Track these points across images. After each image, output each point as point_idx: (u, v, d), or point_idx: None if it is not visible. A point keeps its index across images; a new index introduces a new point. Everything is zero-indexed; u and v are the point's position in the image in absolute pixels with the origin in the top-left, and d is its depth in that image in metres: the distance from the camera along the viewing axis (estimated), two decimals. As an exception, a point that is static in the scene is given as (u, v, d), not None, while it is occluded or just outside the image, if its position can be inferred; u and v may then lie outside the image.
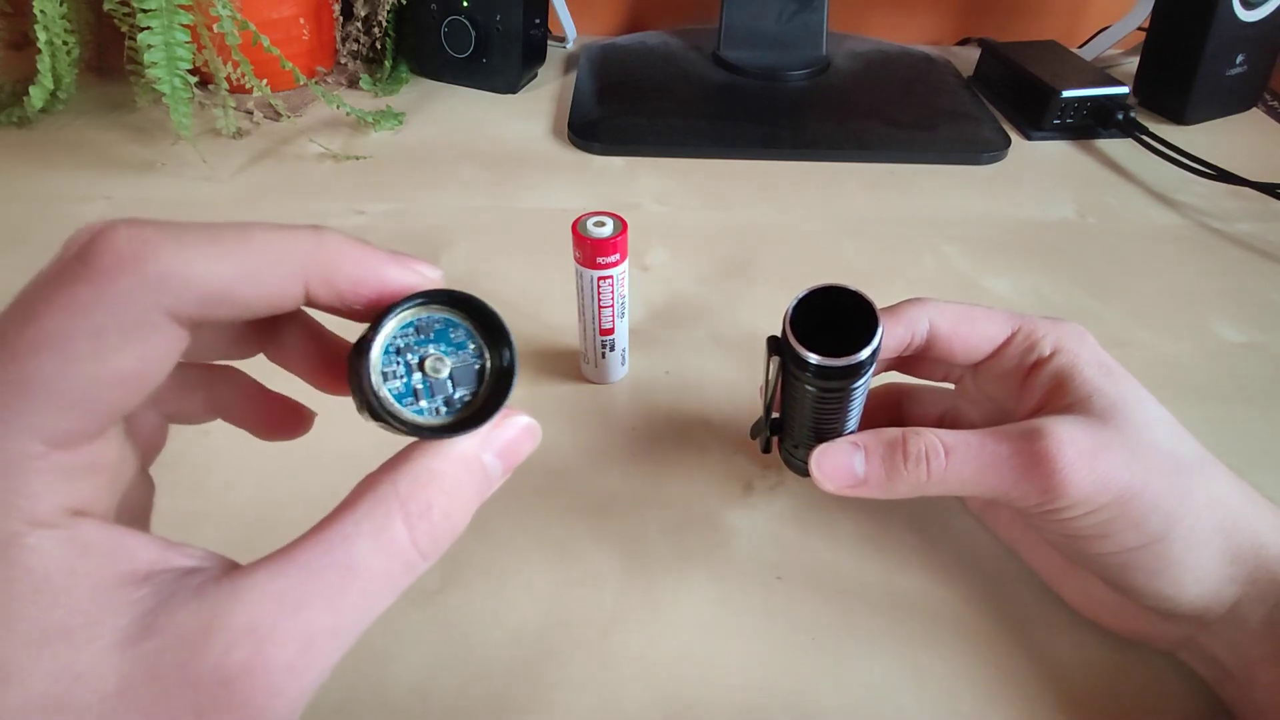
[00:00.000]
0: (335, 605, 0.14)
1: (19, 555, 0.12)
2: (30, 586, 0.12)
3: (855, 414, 0.25)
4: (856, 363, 0.22)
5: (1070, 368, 0.25)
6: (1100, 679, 0.26)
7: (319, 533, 0.15)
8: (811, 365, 0.23)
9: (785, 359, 0.24)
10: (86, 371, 0.13)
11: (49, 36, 0.50)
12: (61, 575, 0.13)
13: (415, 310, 0.17)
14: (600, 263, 0.31)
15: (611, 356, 0.35)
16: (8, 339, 0.13)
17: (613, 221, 0.31)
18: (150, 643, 0.13)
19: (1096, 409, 0.24)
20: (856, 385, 0.24)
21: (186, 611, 0.13)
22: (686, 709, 0.25)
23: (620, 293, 0.32)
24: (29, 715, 0.12)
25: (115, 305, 0.13)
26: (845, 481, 0.24)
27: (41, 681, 0.12)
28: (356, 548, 0.14)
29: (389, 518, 0.15)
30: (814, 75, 0.62)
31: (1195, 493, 0.23)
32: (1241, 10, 0.55)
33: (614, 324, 0.33)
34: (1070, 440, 0.23)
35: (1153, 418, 0.24)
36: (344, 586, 0.14)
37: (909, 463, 0.24)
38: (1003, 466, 0.23)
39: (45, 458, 0.13)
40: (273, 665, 0.13)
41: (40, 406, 0.13)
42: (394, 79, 0.63)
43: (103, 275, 0.13)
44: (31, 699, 0.12)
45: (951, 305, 0.27)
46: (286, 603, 0.13)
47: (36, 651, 0.12)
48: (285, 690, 0.13)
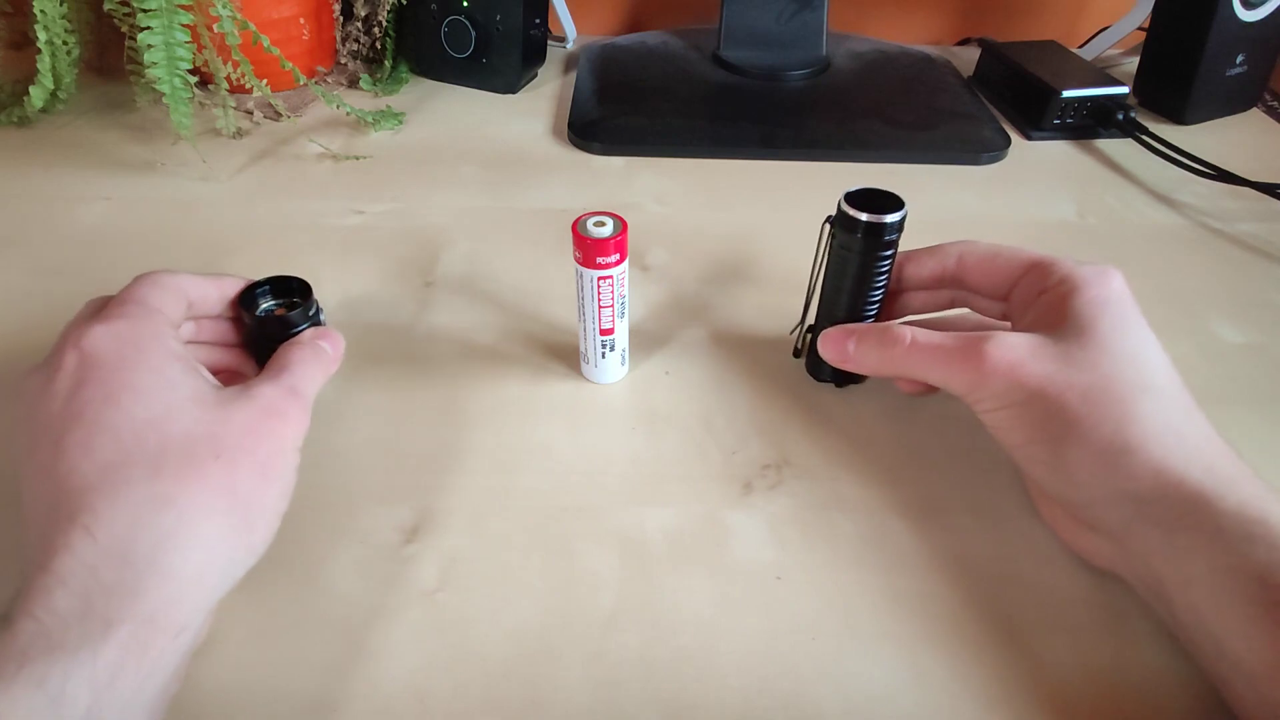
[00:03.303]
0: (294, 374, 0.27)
1: (163, 343, 0.25)
2: (173, 353, 0.25)
3: (880, 290, 0.32)
4: (891, 222, 0.30)
5: (1065, 297, 0.28)
6: (1099, 679, 0.26)
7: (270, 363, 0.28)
8: (861, 223, 0.30)
9: (837, 228, 0.31)
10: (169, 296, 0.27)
11: (49, 36, 0.50)
12: (185, 353, 0.26)
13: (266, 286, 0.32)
14: (600, 263, 0.31)
15: (611, 356, 0.35)
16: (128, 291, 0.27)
17: (613, 221, 0.31)
18: (226, 389, 0.25)
19: (1065, 331, 0.27)
20: (886, 253, 0.31)
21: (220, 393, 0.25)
22: (686, 709, 0.25)
23: (620, 293, 0.32)
24: (184, 403, 0.23)
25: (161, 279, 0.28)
26: (836, 356, 0.32)
27: (187, 387, 0.24)
28: (293, 358, 0.28)
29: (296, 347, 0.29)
30: (814, 75, 0.62)
31: (1111, 409, 0.25)
32: (1241, 10, 0.55)
33: (614, 324, 0.33)
34: (1008, 345, 0.27)
35: (1119, 342, 0.26)
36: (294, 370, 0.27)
37: (883, 344, 0.30)
38: (948, 358, 0.28)
39: (158, 315, 0.26)
40: (278, 393, 0.26)
41: (154, 297, 0.27)
42: (394, 79, 0.63)
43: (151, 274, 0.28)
44: (184, 394, 0.24)
45: (983, 244, 0.32)
46: (272, 378, 0.27)
47: (181, 377, 0.24)
48: (289, 402, 0.26)
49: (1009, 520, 0.31)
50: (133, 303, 0.26)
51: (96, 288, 0.41)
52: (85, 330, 0.24)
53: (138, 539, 0.20)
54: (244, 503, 0.23)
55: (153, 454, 0.22)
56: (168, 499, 0.21)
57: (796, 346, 0.37)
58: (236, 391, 0.25)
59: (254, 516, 0.23)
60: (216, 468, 0.22)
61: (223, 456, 0.23)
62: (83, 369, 0.23)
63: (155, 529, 0.21)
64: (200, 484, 0.22)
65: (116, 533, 0.20)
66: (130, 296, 0.26)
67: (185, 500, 0.21)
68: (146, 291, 0.26)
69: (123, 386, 0.23)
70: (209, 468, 0.22)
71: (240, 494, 0.23)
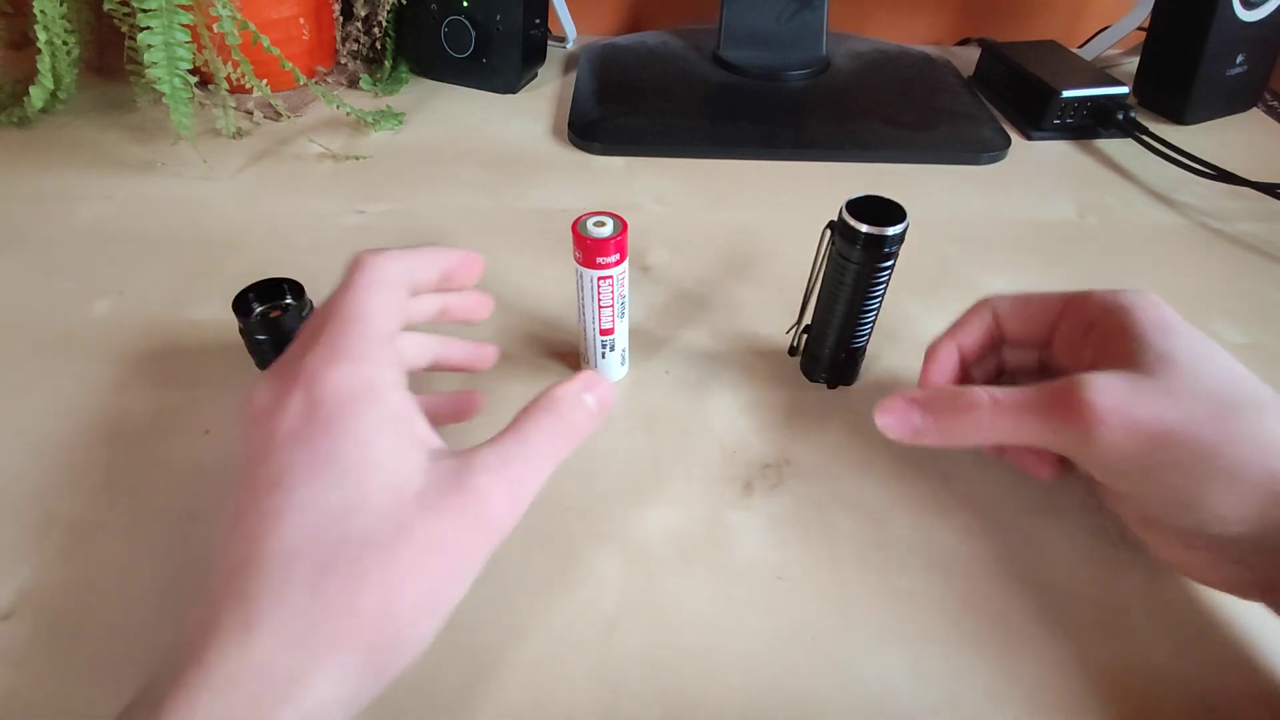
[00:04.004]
0: (524, 461, 0.23)
1: (388, 402, 0.23)
2: (391, 418, 0.22)
3: (877, 300, 0.32)
4: (891, 235, 0.29)
5: (1121, 326, 0.26)
6: (1100, 679, 0.26)
7: (509, 429, 0.24)
8: (862, 234, 0.29)
9: (836, 235, 0.31)
10: (391, 302, 0.25)
11: (49, 36, 0.50)
12: (404, 416, 0.23)
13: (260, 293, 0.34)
14: (600, 263, 0.31)
15: (611, 356, 0.35)
16: (347, 300, 0.25)
17: (613, 221, 0.31)
18: (436, 470, 0.22)
19: (1145, 363, 0.24)
20: (885, 264, 0.30)
21: (449, 459, 0.22)
22: (687, 709, 0.25)
23: (620, 293, 0.32)
24: (378, 492, 0.21)
25: (388, 274, 0.26)
26: (905, 431, 0.28)
27: (386, 473, 0.21)
28: (528, 432, 0.23)
29: (541, 414, 0.24)
30: (814, 75, 0.62)
31: (1242, 432, 0.23)
32: (1241, 10, 0.55)
33: (614, 324, 0.33)
34: (1105, 388, 0.24)
35: (1206, 364, 0.24)
36: (527, 452, 0.23)
37: (958, 412, 0.26)
38: (1042, 413, 0.25)
39: (389, 346, 0.24)
40: (498, 488, 0.22)
41: (379, 318, 0.24)
42: (394, 79, 0.63)
43: (364, 274, 0.25)
44: (380, 481, 0.21)
45: (1007, 295, 0.31)
46: (500, 459, 0.23)
47: (388, 454, 0.22)
48: (503, 504, 0.22)
49: (1009, 519, 0.31)
50: (357, 328, 0.23)
51: (96, 287, 0.41)
52: (318, 372, 0.22)
53: (275, 663, 0.18)
54: (390, 642, 0.20)
55: (325, 553, 0.20)
56: (313, 624, 0.19)
57: (792, 345, 0.37)
58: (449, 474, 0.22)
59: (394, 657, 0.20)
60: (376, 590, 0.19)
61: (390, 576, 0.20)
62: (303, 419, 0.22)
63: (295, 658, 0.19)
64: (350, 611, 0.19)
65: (264, 644, 0.18)
66: (354, 309, 0.24)
67: (328, 633, 0.19)
68: (370, 299, 0.24)
69: (328, 459, 0.21)
70: (369, 589, 0.19)
71: (387, 634, 0.20)
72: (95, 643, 0.26)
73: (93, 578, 0.28)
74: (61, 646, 0.26)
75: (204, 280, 0.42)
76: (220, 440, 0.33)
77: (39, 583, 0.28)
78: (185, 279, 0.42)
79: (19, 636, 0.26)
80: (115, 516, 0.30)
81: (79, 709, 0.24)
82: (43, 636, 0.26)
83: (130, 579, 0.28)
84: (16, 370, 0.36)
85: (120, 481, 0.31)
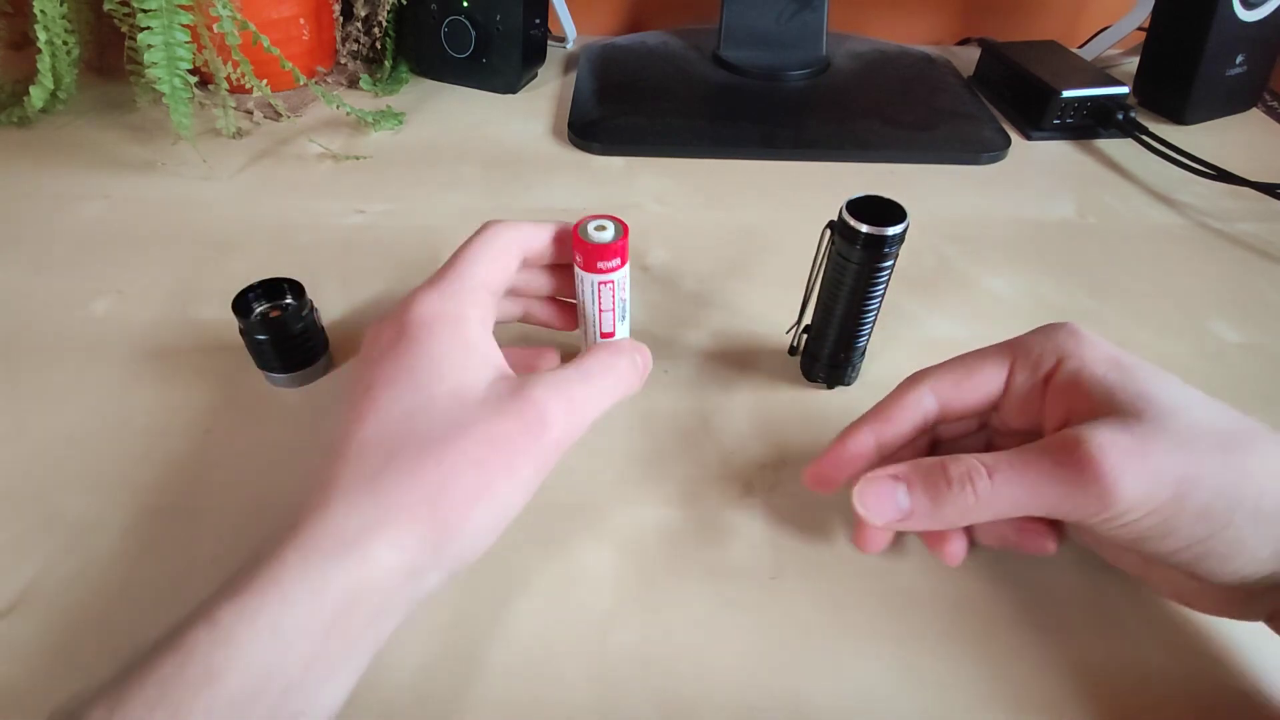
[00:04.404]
0: (584, 385, 0.26)
1: (461, 327, 0.26)
2: (462, 339, 0.26)
3: (877, 300, 0.32)
4: (891, 235, 0.29)
5: (1078, 372, 0.25)
6: (1096, 679, 0.26)
7: (573, 361, 0.27)
8: (861, 234, 0.30)
9: (836, 235, 0.31)
10: (495, 256, 0.29)
11: (49, 36, 0.50)
12: (476, 339, 0.26)
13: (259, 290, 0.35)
14: (601, 267, 0.31)
15: None
16: (461, 250, 0.29)
17: (614, 225, 0.31)
18: (499, 384, 0.25)
19: (1123, 405, 0.23)
20: (885, 264, 0.30)
21: (514, 378, 0.26)
22: (683, 708, 0.25)
23: (621, 296, 0.32)
24: (443, 397, 0.24)
25: (502, 236, 0.30)
26: (890, 515, 0.24)
27: (452, 382, 0.24)
28: (590, 364, 0.27)
29: (605, 351, 0.28)
30: (814, 75, 0.62)
31: (1254, 469, 0.22)
32: (1241, 10, 0.55)
33: (615, 327, 0.33)
34: (1111, 443, 0.22)
35: (1181, 400, 0.23)
36: (586, 379, 0.26)
37: (953, 487, 0.23)
38: (1050, 481, 0.22)
39: (480, 289, 0.28)
40: (554, 402, 0.25)
41: (481, 266, 0.28)
42: (394, 79, 0.63)
43: (486, 232, 0.30)
44: (445, 388, 0.24)
45: (944, 367, 0.28)
46: (561, 381, 0.25)
47: (456, 368, 0.25)
48: (558, 417, 0.24)
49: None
50: (456, 272, 0.28)
51: (96, 287, 0.41)
52: (413, 299, 0.27)
53: (346, 528, 0.21)
54: (444, 521, 0.22)
55: (394, 445, 0.23)
56: (376, 501, 0.22)
57: (792, 345, 0.37)
58: (511, 388, 0.25)
59: (449, 538, 0.22)
60: (433, 474, 0.22)
61: (445, 463, 0.23)
62: (393, 339, 0.26)
63: (359, 525, 0.22)
64: (407, 490, 0.22)
65: (337, 514, 0.22)
66: (461, 260, 0.28)
67: (388, 506, 0.22)
68: (478, 253, 0.29)
69: (406, 370, 0.25)
70: (426, 473, 0.22)
71: (441, 511, 0.22)
72: (96, 640, 0.26)
73: (93, 576, 0.28)
74: (63, 643, 0.26)
75: (204, 280, 0.42)
76: (220, 439, 0.33)
77: (40, 580, 0.28)
78: (185, 279, 0.42)
79: (21, 633, 0.26)
80: (115, 515, 0.30)
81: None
82: (44, 633, 0.26)
83: (131, 577, 0.28)
84: (16, 369, 0.36)
85: (120, 480, 0.31)
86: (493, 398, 0.24)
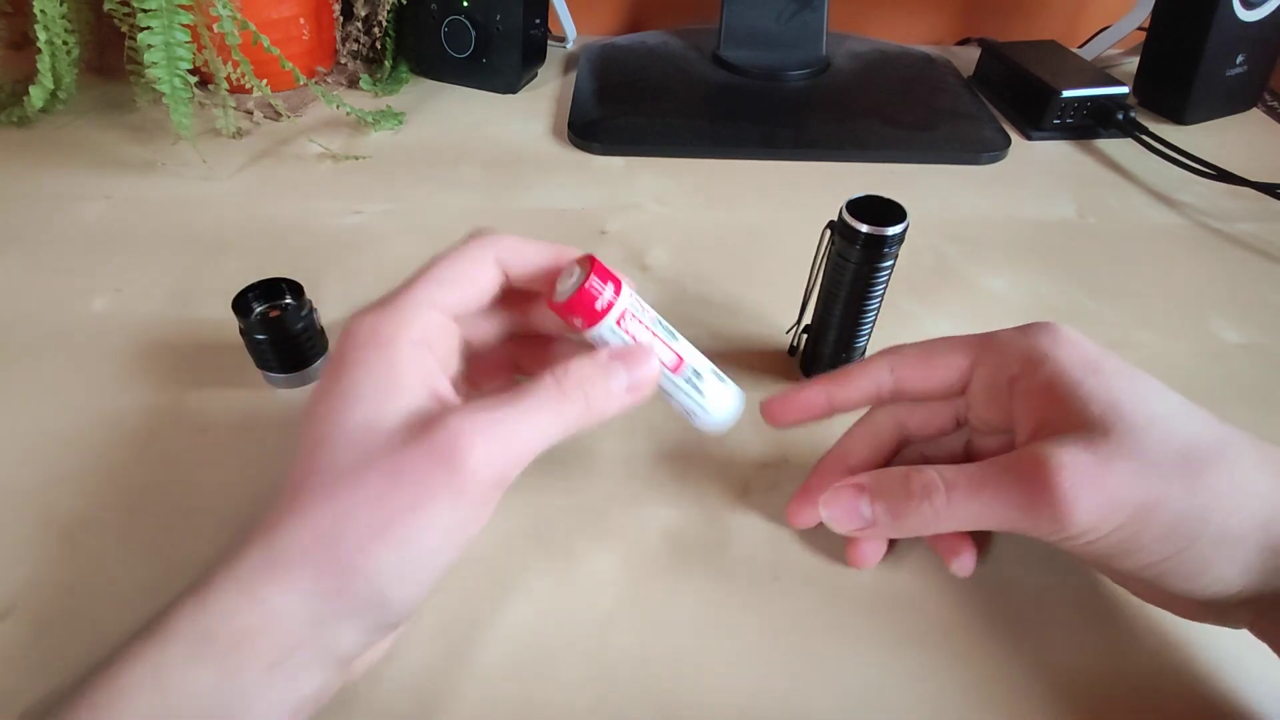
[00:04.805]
0: (515, 419, 0.22)
1: (389, 350, 0.23)
2: (386, 364, 0.23)
3: (877, 300, 0.32)
4: (891, 235, 0.30)
5: (1053, 377, 0.24)
6: (1094, 680, 0.26)
7: (514, 388, 0.23)
8: (861, 234, 0.30)
9: (836, 235, 0.31)
10: (460, 274, 0.25)
11: (49, 36, 0.50)
12: (403, 365, 0.23)
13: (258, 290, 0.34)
14: (599, 309, 0.24)
15: (706, 388, 0.27)
16: (429, 263, 0.25)
17: (577, 268, 0.25)
18: (420, 416, 0.22)
19: (1093, 418, 0.23)
20: (885, 264, 0.31)
21: (440, 408, 0.22)
22: (683, 709, 0.25)
23: (648, 317, 0.26)
24: (358, 428, 0.22)
25: (478, 251, 0.26)
26: (854, 523, 0.26)
27: (366, 410, 0.22)
28: (528, 391, 0.23)
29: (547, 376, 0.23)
30: (814, 75, 0.62)
31: (1219, 488, 0.22)
32: (1241, 10, 0.55)
33: (674, 352, 0.26)
34: (1070, 465, 0.22)
35: (1157, 412, 0.23)
36: (521, 409, 0.22)
37: (913, 500, 0.24)
38: (1007, 500, 0.23)
39: (424, 310, 0.24)
40: (474, 435, 0.21)
41: (432, 284, 0.25)
42: (394, 79, 0.63)
43: (467, 240, 0.26)
44: (358, 418, 0.22)
45: (912, 347, 0.28)
46: (489, 409, 0.22)
47: (374, 395, 0.22)
48: (476, 452, 0.21)
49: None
50: (405, 289, 0.25)
51: (96, 287, 0.41)
52: (351, 319, 0.24)
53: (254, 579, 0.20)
54: (342, 565, 0.20)
55: (302, 477, 0.22)
56: (271, 544, 0.21)
57: (792, 345, 0.37)
58: (428, 417, 0.22)
59: (351, 583, 0.20)
60: (327, 512, 0.21)
61: (340, 500, 0.21)
62: (329, 364, 0.24)
63: (258, 574, 0.20)
64: (301, 529, 0.21)
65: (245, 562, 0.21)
66: (416, 275, 0.25)
67: (282, 545, 0.21)
68: (437, 269, 0.25)
69: (323, 397, 0.23)
70: (320, 511, 0.21)
71: (335, 555, 0.20)
72: (93, 642, 0.26)
73: (90, 577, 0.28)
74: (59, 646, 0.26)
75: (204, 280, 0.42)
76: (218, 440, 0.33)
77: (37, 582, 0.28)
78: (185, 278, 0.42)
79: (17, 636, 0.26)
80: (112, 515, 0.30)
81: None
82: (41, 636, 0.26)
83: (128, 578, 0.28)
84: (15, 369, 0.36)
85: (118, 480, 0.31)
86: (404, 428, 0.21)
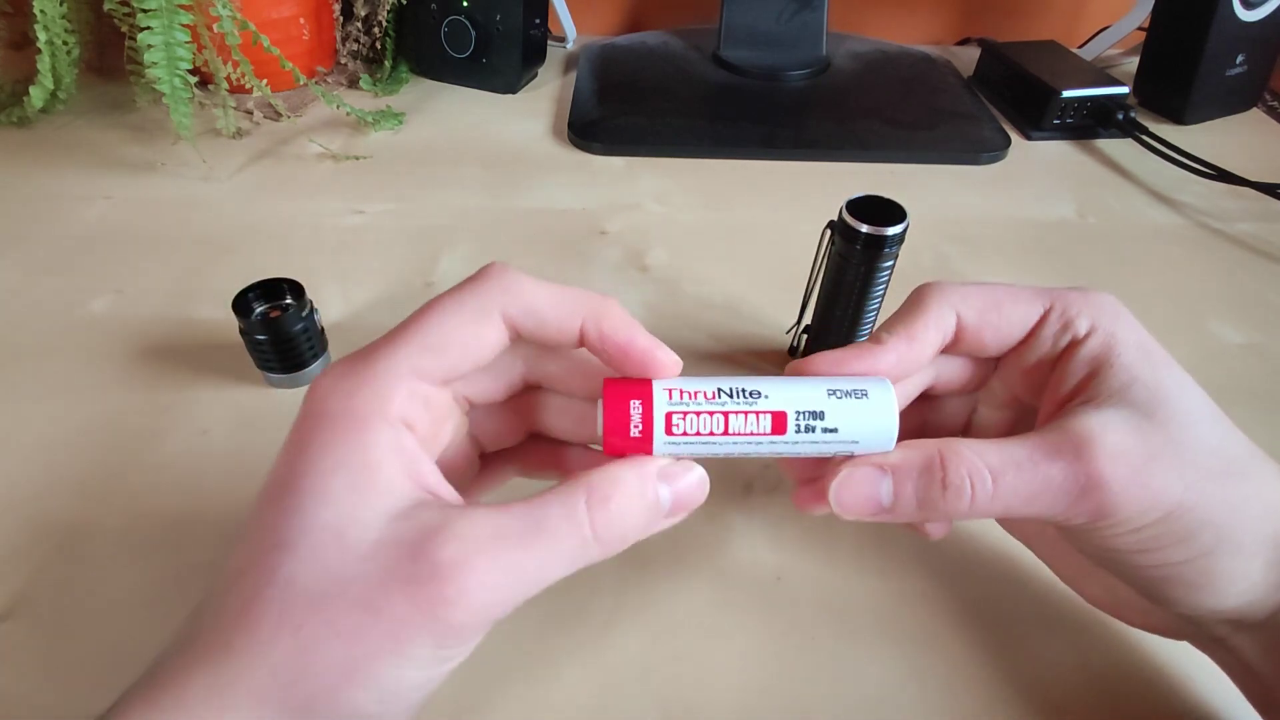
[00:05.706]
0: (525, 547, 0.18)
1: (365, 434, 0.19)
2: (361, 452, 0.18)
3: (878, 300, 0.32)
4: (891, 235, 0.29)
5: (1108, 352, 0.22)
6: (1098, 680, 0.26)
7: (527, 500, 0.19)
8: (862, 234, 0.30)
9: (836, 235, 0.31)
10: (452, 334, 0.20)
11: (49, 36, 0.50)
12: (381, 454, 0.19)
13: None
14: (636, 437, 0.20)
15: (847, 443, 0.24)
16: (420, 311, 0.20)
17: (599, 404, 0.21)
18: (403, 524, 0.18)
19: (1137, 400, 0.21)
20: (885, 264, 0.31)
21: (430, 513, 0.18)
22: (684, 710, 0.25)
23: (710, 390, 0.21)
24: (320, 531, 0.18)
25: (480, 302, 0.20)
26: (868, 510, 0.21)
27: (338, 512, 0.18)
28: (549, 513, 0.19)
29: (576, 498, 0.19)
30: (814, 75, 0.62)
31: (1248, 502, 0.21)
32: (1241, 10, 0.55)
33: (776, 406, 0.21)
34: (1121, 454, 0.20)
35: (1197, 412, 0.22)
36: (534, 537, 0.18)
37: (948, 491, 0.21)
38: (1053, 491, 0.20)
39: (405, 380, 0.19)
40: (469, 570, 0.17)
41: (415, 348, 0.20)
42: (394, 79, 0.63)
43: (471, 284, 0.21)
44: (327, 520, 0.18)
45: (974, 290, 0.23)
46: (493, 532, 0.18)
47: (347, 492, 0.18)
48: (470, 593, 0.17)
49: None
50: (385, 347, 0.20)
51: (96, 287, 0.41)
52: (321, 376, 0.20)
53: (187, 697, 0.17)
54: (306, 706, 0.17)
55: (258, 589, 0.18)
56: (218, 675, 0.17)
57: (792, 345, 0.37)
58: (414, 536, 0.18)
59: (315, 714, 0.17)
60: (289, 644, 0.17)
61: (303, 632, 0.17)
62: (297, 429, 0.19)
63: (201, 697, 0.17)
64: (258, 660, 0.17)
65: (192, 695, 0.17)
66: (400, 330, 0.20)
67: (232, 675, 0.17)
68: (425, 322, 0.20)
69: (282, 484, 0.19)
70: (280, 642, 0.17)
71: (300, 690, 0.17)
72: (93, 645, 0.26)
73: (90, 579, 0.28)
74: (59, 648, 0.26)
75: (204, 280, 0.42)
76: (218, 440, 0.33)
77: (36, 584, 0.28)
78: (185, 279, 0.42)
79: (17, 638, 0.26)
80: (112, 517, 0.30)
81: (76, 710, 0.24)
82: (41, 637, 0.26)
83: (127, 580, 0.28)
84: (14, 370, 0.36)
85: (117, 482, 0.31)
86: (384, 546, 0.18)
